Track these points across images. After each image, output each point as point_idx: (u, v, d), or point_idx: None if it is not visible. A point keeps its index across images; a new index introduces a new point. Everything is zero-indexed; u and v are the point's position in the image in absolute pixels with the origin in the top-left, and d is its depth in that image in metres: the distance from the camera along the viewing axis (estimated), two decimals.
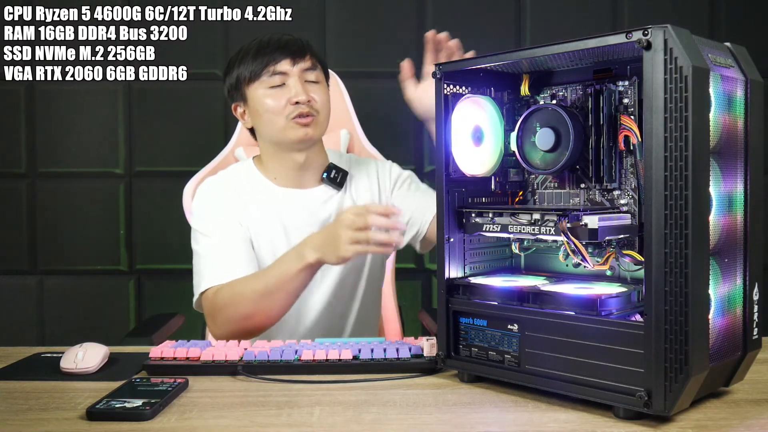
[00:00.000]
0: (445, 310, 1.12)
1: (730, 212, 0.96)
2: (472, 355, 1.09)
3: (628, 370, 0.91)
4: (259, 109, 1.48)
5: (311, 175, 1.55)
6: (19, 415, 0.95)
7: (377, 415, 0.94)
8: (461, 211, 1.13)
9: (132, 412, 0.92)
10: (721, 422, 0.90)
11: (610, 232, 0.99)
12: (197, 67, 2.41)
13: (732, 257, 0.96)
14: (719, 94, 0.93)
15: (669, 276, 0.86)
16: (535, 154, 1.11)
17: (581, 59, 1.06)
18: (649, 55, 0.87)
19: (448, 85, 1.13)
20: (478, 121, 1.16)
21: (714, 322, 0.92)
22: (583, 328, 0.96)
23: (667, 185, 0.86)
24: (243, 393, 1.05)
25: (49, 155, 2.41)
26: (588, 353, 0.95)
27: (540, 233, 1.04)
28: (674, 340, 0.86)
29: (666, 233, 0.86)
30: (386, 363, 1.14)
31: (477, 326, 1.09)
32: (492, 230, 1.09)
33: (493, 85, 1.19)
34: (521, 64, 1.10)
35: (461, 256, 1.16)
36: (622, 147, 1.04)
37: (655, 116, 0.86)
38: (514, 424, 0.92)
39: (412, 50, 2.42)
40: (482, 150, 1.16)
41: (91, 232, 2.42)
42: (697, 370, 0.87)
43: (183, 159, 2.38)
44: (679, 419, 0.91)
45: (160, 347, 1.18)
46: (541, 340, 1.01)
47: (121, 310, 2.43)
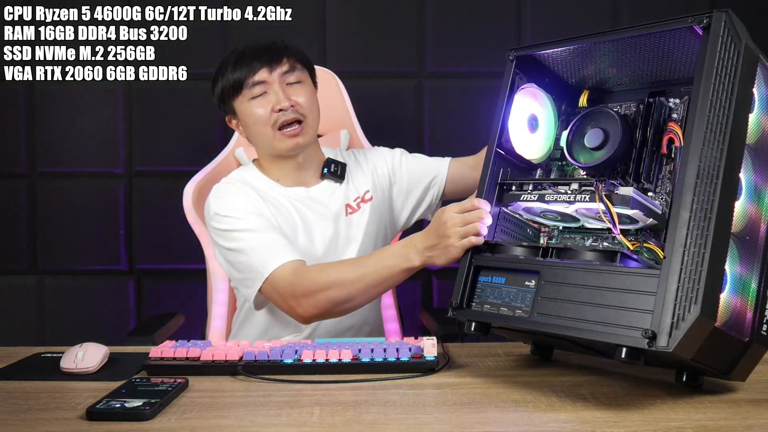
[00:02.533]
0: (468, 264, 1.14)
1: (756, 204, 0.98)
2: (483, 311, 1.10)
3: (638, 313, 0.92)
4: (248, 122, 1.49)
5: (312, 173, 1.57)
6: (19, 415, 0.95)
7: (377, 415, 0.94)
8: (502, 184, 1.17)
9: (132, 412, 0.92)
10: (721, 422, 0.90)
11: (641, 207, 1.01)
12: (197, 67, 2.40)
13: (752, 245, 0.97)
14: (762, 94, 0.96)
15: (692, 221, 0.88)
16: (581, 154, 1.15)
17: (639, 78, 1.12)
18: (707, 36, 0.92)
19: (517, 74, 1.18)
20: (535, 111, 1.21)
21: (727, 297, 0.94)
22: (600, 275, 0.97)
23: (708, 134, 0.89)
24: (243, 393, 1.05)
25: (49, 155, 2.41)
26: (602, 299, 0.96)
27: (576, 200, 1.06)
28: (687, 280, 0.88)
29: (697, 181, 0.89)
30: (386, 363, 1.14)
31: (494, 284, 1.10)
32: (529, 199, 1.12)
33: (555, 94, 1.24)
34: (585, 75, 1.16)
35: (493, 227, 1.18)
36: (664, 150, 1.08)
37: (705, 82, 0.90)
38: (514, 424, 0.92)
39: (412, 50, 2.42)
40: (535, 137, 1.21)
41: (91, 232, 2.42)
42: (705, 312, 0.88)
43: (183, 159, 2.38)
44: (679, 419, 0.91)
45: (160, 347, 1.18)
46: (557, 289, 1.02)
47: (121, 310, 2.43)
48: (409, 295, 2.42)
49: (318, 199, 1.55)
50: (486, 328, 1.10)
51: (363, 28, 2.41)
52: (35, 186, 2.42)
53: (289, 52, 1.50)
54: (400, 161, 1.64)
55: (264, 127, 1.46)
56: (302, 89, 1.49)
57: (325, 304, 1.34)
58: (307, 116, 1.48)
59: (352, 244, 1.56)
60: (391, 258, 1.31)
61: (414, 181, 1.63)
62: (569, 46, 1.12)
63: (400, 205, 1.64)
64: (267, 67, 1.45)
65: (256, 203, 1.49)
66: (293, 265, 1.37)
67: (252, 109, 1.46)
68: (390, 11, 2.42)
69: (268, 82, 1.46)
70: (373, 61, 2.41)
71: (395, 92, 2.42)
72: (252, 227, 1.43)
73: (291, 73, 1.48)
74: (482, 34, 2.39)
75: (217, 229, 1.47)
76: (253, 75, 1.45)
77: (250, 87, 1.46)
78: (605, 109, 1.13)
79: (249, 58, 1.46)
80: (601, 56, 1.13)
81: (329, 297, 1.33)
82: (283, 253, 1.38)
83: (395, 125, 2.39)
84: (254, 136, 1.51)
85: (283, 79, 1.47)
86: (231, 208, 1.47)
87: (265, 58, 1.46)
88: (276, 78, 1.46)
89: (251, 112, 1.47)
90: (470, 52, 2.37)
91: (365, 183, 1.61)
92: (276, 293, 1.38)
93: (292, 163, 1.53)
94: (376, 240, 1.59)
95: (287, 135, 1.46)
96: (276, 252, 1.39)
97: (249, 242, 1.42)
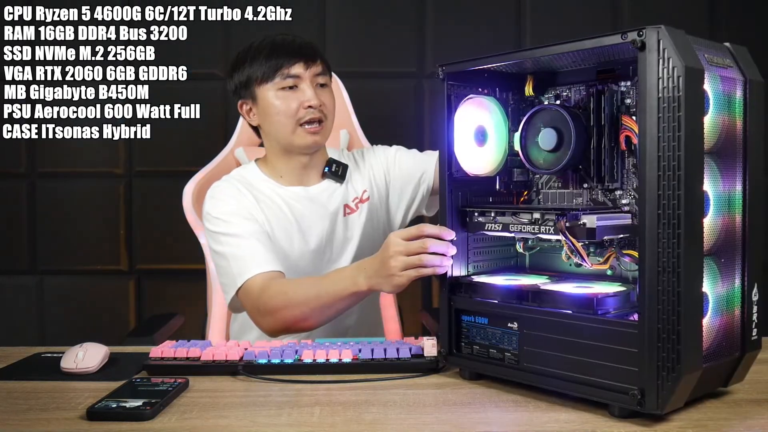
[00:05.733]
0: (447, 308, 1.13)
1: (728, 212, 0.96)
2: (473, 353, 1.10)
3: (622, 368, 0.91)
4: (270, 111, 1.49)
5: (314, 173, 1.58)
6: (19, 415, 0.95)
7: (377, 415, 0.94)
8: (465, 210, 1.14)
9: (132, 412, 0.92)
10: (721, 422, 0.90)
11: (609, 232, 1.00)
12: (197, 67, 2.40)
13: (730, 257, 0.96)
14: (717, 94, 0.93)
15: (662, 275, 0.86)
16: (538, 154, 1.12)
17: (584, 60, 1.07)
18: (644, 56, 0.87)
19: (453, 86, 1.14)
20: (482, 122, 1.16)
21: (711, 322, 0.93)
22: (579, 326, 0.96)
23: (660, 185, 0.86)
24: (243, 393, 1.05)
25: (49, 155, 2.41)
26: (584, 352, 0.96)
27: (540, 232, 1.04)
28: (666, 339, 0.86)
29: (659, 233, 0.86)
30: (386, 363, 1.14)
31: (478, 324, 1.10)
32: (494, 229, 1.10)
33: (498, 86, 1.20)
34: (525, 65, 1.11)
35: (464, 254, 1.17)
36: (623, 147, 1.05)
37: (649, 116, 0.87)
38: (514, 424, 0.92)
39: (412, 50, 2.43)
40: (485, 150, 1.17)
41: (91, 232, 2.42)
42: (690, 369, 0.87)
43: (183, 159, 2.38)
44: (680, 419, 0.91)
45: (160, 347, 1.18)
46: (539, 338, 1.02)
47: (121, 310, 2.43)
48: (409, 295, 2.43)
49: (316, 199, 1.55)
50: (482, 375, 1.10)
51: (363, 28, 2.41)
52: (35, 186, 2.42)
53: (322, 55, 1.54)
54: (395, 159, 1.65)
55: (287, 119, 1.48)
56: (329, 93, 1.53)
57: (282, 324, 1.36)
58: (328, 118, 1.52)
59: (349, 244, 1.57)
60: (341, 281, 1.31)
61: (406, 179, 1.63)
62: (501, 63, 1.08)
63: (396, 204, 1.64)
64: (303, 63, 1.48)
65: (250, 206, 1.50)
66: (263, 278, 1.39)
67: (278, 99, 1.48)
68: (390, 11, 2.42)
69: (301, 78, 1.48)
70: (373, 61, 2.41)
71: (395, 92, 2.42)
72: (237, 232, 1.45)
73: (322, 76, 1.51)
74: (482, 34, 2.39)
75: (207, 229, 1.51)
76: (289, 67, 1.47)
77: (284, 77, 1.47)
78: (554, 108, 1.09)
79: (287, 50, 1.49)
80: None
81: (285, 317, 1.35)
82: (257, 264, 1.40)
83: (395, 125, 2.40)
84: (272, 126, 1.51)
85: (315, 78, 1.50)
86: (222, 210, 1.48)
87: (303, 54, 1.48)
88: (309, 75, 1.48)
89: (277, 102, 1.48)
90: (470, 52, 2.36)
91: (363, 183, 1.62)
92: (246, 303, 1.42)
93: (299, 161, 1.54)
94: (374, 239, 1.59)
95: (309, 131, 1.48)
96: (252, 262, 1.40)
97: (231, 248, 1.44)
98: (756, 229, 0.98)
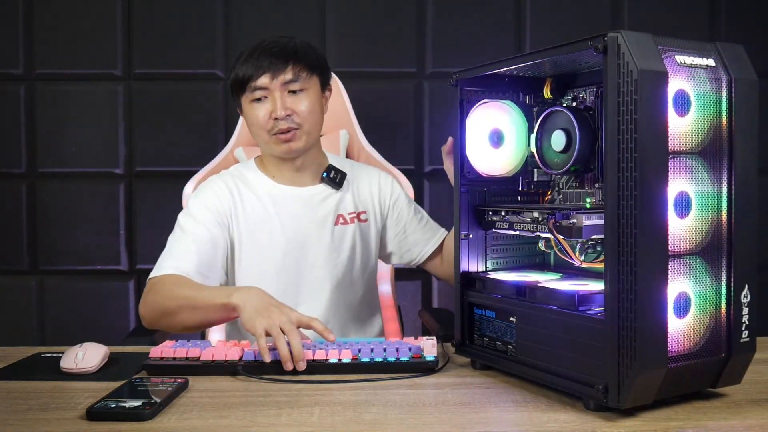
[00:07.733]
0: (461, 301, 1.20)
1: (715, 212, 0.96)
2: (484, 345, 1.17)
3: (593, 363, 0.95)
4: (247, 120, 1.52)
5: (309, 175, 1.57)
6: (19, 415, 0.95)
7: (377, 415, 0.94)
8: (479, 209, 1.21)
9: (132, 412, 0.92)
10: (721, 422, 0.90)
11: (597, 231, 1.01)
12: (197, 67, 2.41)
13: (716, 257, 0.96)
14: (700, 95, 0.94)
15: (621, 274, 0.89)
16: (552, 155, 1.15)
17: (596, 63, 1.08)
18: (605, 60, 0.90)
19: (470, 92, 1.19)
20: (498, 125, 1.21)
21: (693, 321, 0.94)
22: (560, 322, 1.01)
23: (619, 186, 0.89)
24: (243, 393, 1.05)
25: (49, 155, 2.41)
26: (564, 346, 1.01)
27: (538, 231, 1.09)
28: (625, 336, 0.88)
29: (618, 232, 0.89)
30: (386, 363, 1.14)
31: (488, 317, 1.16)
32: (503, 227, 1.17)
33: (520, 89, 1.23)
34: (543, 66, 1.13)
35: (482, 251, 1.23)
36: None
37: (610, 119, 0.89)
38: (514, 424, 0.92)
39: (412, 50, 2.43)
40: (502, 152, 1.22)
41: (91, 232, 2.42)
42: (648, 366, 0.88)
43: (183, 159, 2.38)
44: (678, 419, 0.91)
45: (160, 347, 1.18)
46: (532, 332, 1.07)
47: (121, 310, 2.43)
48: (409, 295, 2.43)
49: (307, 200, 1.55)
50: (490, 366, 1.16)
51: (363, 28, 2.42)
52: (35, 186, 2.42)
53: (297, 57, 1.48)
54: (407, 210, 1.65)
55: (260, 130, 1.49)
56: (304, 98, 1.48)
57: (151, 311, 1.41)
58: (303, 124, 1.48)
59: (335, 254, 1.55)
60: (220, 290, 1.35)
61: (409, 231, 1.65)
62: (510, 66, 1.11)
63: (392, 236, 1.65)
64: (269, 74, 1.45)
65: (225, 206, 1.51)
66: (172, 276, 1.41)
67: (252, 111, 1.48)
68: (390, 11, 2.42)
69: (269, 89, 1.46)
70: (373, 62, 2.41)
71: (395, 93, 2.42)
72: (188, 227, 1.48)
73: (294, 82, 1.47)
74: (482, 34, 2.39)
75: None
76: (255, 79, 1.46)
77: (252, 90, 1.47)
78: (562, 110, 1.12)
79: (256, 60, 1.46)
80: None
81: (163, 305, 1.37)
82: (174, 267, 1.42)
83: (395, 126, 2.40)
84: (253, 135, 1.55)
85: (285, 87, 1.46)
86: (195, 202, 1.52)
87: (270, 63, 1.45)
88: (277, 86, 1.46)
89: (251, 113, 1.48)
90: (470, 53, 2.37)
91: (365, 203, 1.61)
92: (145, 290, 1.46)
93: (290, 165, 1.54)
94: (362, 257, 1.59)
95: (280, 140, 1.47)
96: (168, 262, 1.43)
97: (173, 238, 1.49)
98: (745, 229, 0.97)
